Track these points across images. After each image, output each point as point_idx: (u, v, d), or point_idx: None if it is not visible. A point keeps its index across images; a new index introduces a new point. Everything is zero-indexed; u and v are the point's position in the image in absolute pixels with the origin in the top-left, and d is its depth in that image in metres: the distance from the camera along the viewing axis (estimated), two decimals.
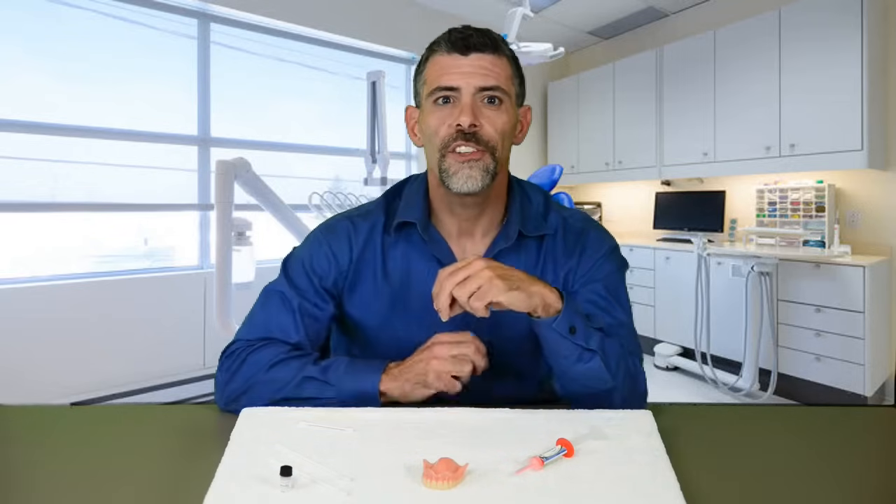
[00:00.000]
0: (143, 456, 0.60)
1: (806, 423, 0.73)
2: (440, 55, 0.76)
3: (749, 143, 3.23)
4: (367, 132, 3.13)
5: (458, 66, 0.74)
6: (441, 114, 0.75)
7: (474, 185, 0.73)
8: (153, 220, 3.08)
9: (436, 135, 0.75)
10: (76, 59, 2.78)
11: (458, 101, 0.74)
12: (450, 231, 0.82)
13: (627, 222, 4.44)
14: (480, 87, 0.73)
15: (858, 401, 2.59)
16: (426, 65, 0.78)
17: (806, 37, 2.94)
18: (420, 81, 0.80)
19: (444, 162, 0.75)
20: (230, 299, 2.30)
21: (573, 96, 4.58)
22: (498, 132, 0.74)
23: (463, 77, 0.73)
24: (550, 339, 0.69)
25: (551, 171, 2.48)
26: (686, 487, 0.51)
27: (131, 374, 2.72)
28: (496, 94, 0.74)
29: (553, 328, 0.68)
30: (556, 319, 0.68)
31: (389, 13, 3.79)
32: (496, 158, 0.75)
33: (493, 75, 0.74)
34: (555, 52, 2.72)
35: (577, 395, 0.73)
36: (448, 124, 0.74)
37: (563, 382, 0.73)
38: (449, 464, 0.51)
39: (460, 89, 0.73)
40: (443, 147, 0.74)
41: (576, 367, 0.70)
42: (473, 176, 0.73)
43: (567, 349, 0.69)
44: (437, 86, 0.75)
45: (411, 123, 0.84)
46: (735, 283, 3.03)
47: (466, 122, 0.72)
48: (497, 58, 0.75)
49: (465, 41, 0.74)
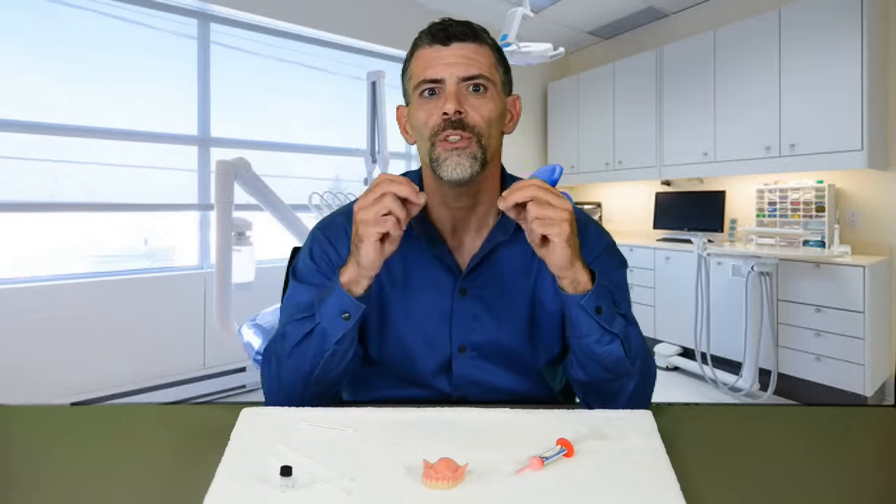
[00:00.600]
0: (143, 456, 0.60)
1: (806, 423, 0.73)
2: (422, 49, 0.77)
3: (749, 143, 3.23)
4: (367, 132, 3.14)
5: (441, 58, 0.75)
6: (428, 106, 0.75)
7: (463, 173, 0.73)
8: (153, 220, 3.08)
9: (425, 126, 0.75)
10: (76, 59, 2.78)
11: (442, 91, 0.75)
12: (445, 225, 0.82)
13: (627, 222, 4.44)
14: (464, 77, 0.74)
15: (858, 401, 2.59)
16: (411, 61, 0.79)
17: (806, 37, 2.94)
18: (406, 78, 0.80)
19: (434, 151, 0.75)
20: (230, 299, 2.31)
21: (573, 96, 4.58)
22: (484, 119, 0.74)
23: (446, 67, 0.74)
24: (575, 316, 0.70)
25: (551, 170, 2.49)
26: (686, 487, 0.51)
27: (131, 374, 2.72)
28: (480, 81, 0.75)
29: (581, 305, 0.69)
30: (584, 297, 0.69)
31: (389, 13, 3.79)
32: (483, 146, 0.75)
33: (475, 63, 0.74)
34: (555, 52, 2.72)
35: (592, 379, 0.73)
36: (435, 116, 0.74)
37: (582, 362, 0.73)
38: (449, 464, 0.51)
39: (444, 80, 0.74)
40: (432, 136, 0.75)
41: (596, 348, 0.70)
42: (462, 164, 0.73)
43: (590, 329, 0.70)
44: (421, 79, 0.75)
45: (402, 122, 0.84)
46: (735, 283, 3.03)
47: (452, 109, 0.72)
48: (479, 46, 0.76)
49: (446, 31, 0.75)
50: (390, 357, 0.82)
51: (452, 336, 0.81)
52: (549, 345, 0.83)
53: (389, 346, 0.82)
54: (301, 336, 0.72)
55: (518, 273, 0.82)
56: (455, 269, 0.81)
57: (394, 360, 0.82)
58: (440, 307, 0.81)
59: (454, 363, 0.81)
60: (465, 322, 0.81)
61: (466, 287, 0.81)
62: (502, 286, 0.82)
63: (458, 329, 0.81)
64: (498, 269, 0.82)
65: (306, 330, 0.72)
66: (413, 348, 0.81)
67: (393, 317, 0.81)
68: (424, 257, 0.81)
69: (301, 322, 0.73)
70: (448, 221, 0.82)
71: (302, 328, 0.72)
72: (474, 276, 0.81)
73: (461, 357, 0.81)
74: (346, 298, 0.70)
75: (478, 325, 0.81)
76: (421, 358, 0.81)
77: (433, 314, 0.81)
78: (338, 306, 0.69)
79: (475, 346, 0.81)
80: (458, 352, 0.81)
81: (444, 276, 0.81)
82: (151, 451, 0.61)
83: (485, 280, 0.81)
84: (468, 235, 0.83)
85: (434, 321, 0.81)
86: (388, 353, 0.82)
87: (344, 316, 0.70)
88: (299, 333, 0.72)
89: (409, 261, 0.82)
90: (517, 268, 0.82)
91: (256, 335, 2.13)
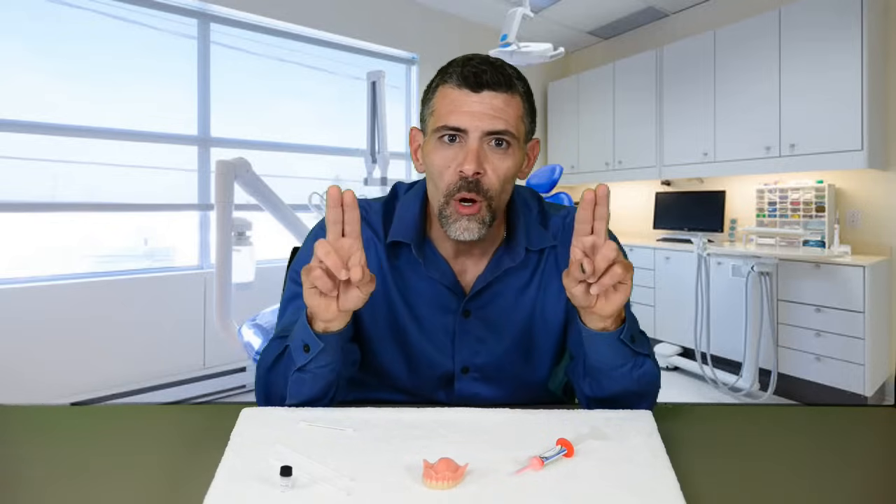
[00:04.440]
0: (143, 456, 0.60)
1: (806, 423, 0.73)
2: (450, 87, 0.73)
3: (749, 143, 3.23)
4: (367, 132, 3.14)
5: (468, 105, 0.71)
6: (446, 154, 0.73)
7: (471, 236, 0.73)
8: (153, 220, 3.08)
9: (440, 177, 0.74)
10: (76, 59, 2.78)
11: (464, 142, 0.72)
12: (448, 252, 0.81)
13: (627, 222, 4.43)
14: (488, 132, 0.71)
15: (858, 401, 2.59)
16: (435, 93, 0.75)
17: (806, 37, 2.94)
18: (428, 110, 0.77)
19: (447, 209, 0.74)
20: (230, 299, 2.31)
21: (573, 96, 4.58)
22: (500, 179, 0.73)
23: (472, 119, 0.71)
24: (610, 350, 0.68)
25: (551, 171, 2.48)
26: (686, 487, 0.51)
27: (131, 374, 2.72)
28: (504, 137, 0.72)
29: (620, 339, 0.67)
30: (621, 330, 0.67)
31: (389, 13, 3.79)
32: (493, 209, 0.74)
33: (502, 118, 0.71)
34: (555, 52, 2.72)
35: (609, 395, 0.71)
36: (452, 169, 0.72)
37: (602, 384, 0.72)
38: (449, 464, 0.51)
39: (468, 132, 0.71)
40: (447, 195, 0.73)
41: (631, 374, 0.69)
42: (471, 228, 0.73)
43: (625, 358, 0.69)
44: (443, 124, 0.72)
45: (415, 147, 0.82)
46: (735, 283, 3.03)
47: (470, 171, 0.70)
48: (510, 96, 0.72)
49: (478, 78, 0.71)
50: (392, 367, 0.82)
51: (455, 357, 0.81)
52: (547, 357, 0.83)
53: (392, 356, 0.81)
54: (276, 355, 0.72)
55: (518, 291, 0.82)
56: (458, 292, 0.80)
57: (395, 371, 0.82)
58: (444, 325, 0.80)
59: (456, 382, 0.81)
60: (468, 344, 0.80)
61: (470, 308, 0.80)
62: (504, 305, 0.81)
63: (462, 350, 0.81)
64: (500, 290, 0.81)
65: (280, 350, 0.72)
66: (416, 361, 0.81)
67: (399, 328, 0.81)
68: (424, 279, 0.80)
69: (279, 341, 0.73)
70: (451, 248, 0.81)
71: (278, 347, 0.72)
72: (478, 298, 0.80)
73: (463, 378, 0.81)
74: (306, 331, 0.66)
75: (481, 347, 0.81)
76: (423, 371, 0.81)
77: (437, 331, 0.81)
78: (300, 336, 0.68)
79: (478, 367, 0.81)
80: (461, 373, 0.81)
81: (447, 296, 0.80)
82: (151, 451, 0.61)
83: (487, 301, 0.81)
84: (471, 259, 0.82)
85: (438, 337, 0.81)
86: (391, 362, 0.82)
87: (304, 348, 0.67)
88: (275, 352, 0.73)
89: (414, 278, 0.81)
90: (517, 286, 0.82)
91: (256, 335, 2.13)
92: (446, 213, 0.74)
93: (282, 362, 0.71)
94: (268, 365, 0.73)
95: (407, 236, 0.79)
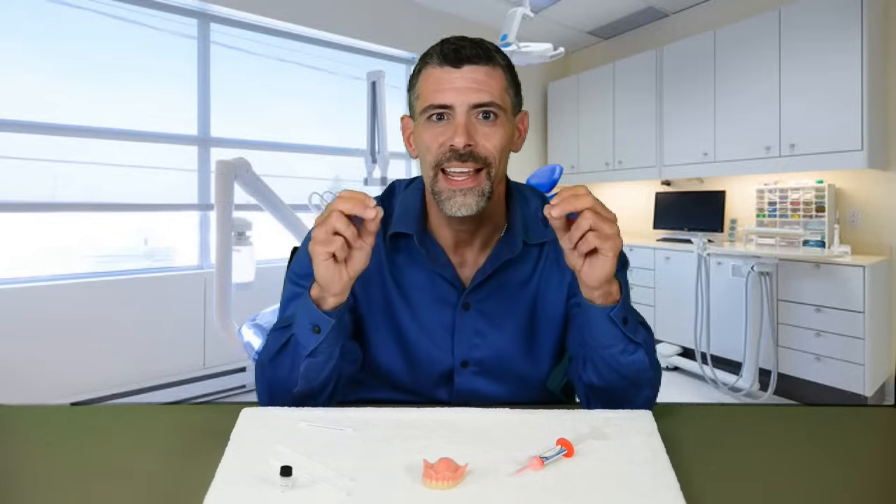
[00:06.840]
0: (143, 456, 0.60)
1: (806, 423, 0.73)
2: (432, 67, 0.74)
3: (749, 143, 3.23)
4: (367, 132, 3.14)
5: (451, 81, 0.72)
6: (434, 131, 0.73)
7: (468, 211, 0.73)
8: (153, 220, 3.08)
9: (429, 152, 0.74)
10: (76, 59, 2.78)
11: (451, 118, 0.72)
12: (447, 242, 0.81)
13: (627, 222, 4.43)
14: (474, 104, 0.71)
15: (858, 401, 2.59)
16: (419, 77, 0.76)
17: (806, 37, 2.94)
18: (413, 95, 0.78)
19: (437, 184, 0.74)
20: (230, 299, 2.30)
21: (573, 96, 4.58)
22: (495, 149, 0.73)
23: (456, 94, 0.71)
24: (600, 327, 0.69)
25: (551, 171, 2.49)
26: (686, 487, 0.51)
27: (131, 374, 2.72)
28: (491, 109, 0.72)
29: (610, 317, 0.67)
30: (614, 308, 0.67)
31: (389, 13, 3.79)
32: (492, 178, 0.73)
33: (487, 90, 0.72)
34: (555, 52, 2.72)
35: (608, 385, 0.72)
36: (441, 143, 0.72)
37: (599, 370, 0.72)
38: (449, 464, 0.51)
39: (454, 107, 0.72)
40: (436, 165, 0.73)
41: (621, 358, 0.70)
42: (468, 203, 0.72)
43: (615, 339, 0.69)
44: (429, 103, 0.73)
45: (406, 134, 0.83)
46: (735, 283, 3.03)
47: (461, 143, 0.70)
48: (492, 69, 0.73)
49: (458, 53, 0.72)
50: (392, 365, 0.81)
51: (455, 351, 0.80)
52: (548, 353, 0.83)
53: (392, 354, 0.81)
54: (279, 346, 0.71)
55: (518, 284, 0.82)
56: (458, 285, 0.80)
57: (395, 369, 0.81)
58: (443, 319, 0.80)
59: (456, 377, 0.81)
60: (467, 337, 0.80)
61: (469, 301, 0.80)
62: (504, 299, 0.81)
63: (461, 344, 0.80)
64: (500, 283, 0.81)
65: (283, 340, 0.71)
66: (415, 358, 0.81)
67: (397, 326, 0.81)
68: (427, 271, 0.80)
69: (280, 331, 0.72)
70: (450, 238, 0.81)
71: (280, 338, 0.72)
72: (477, 291, 0.80)
73: (463, 372, 0.81)
74: (314, 312, 0.67)
75: (481, 340, 0.80)
76: (423, 368, 0.81)
77: (436, 326, 0.80)
78: (308, 319, 0.68)
79: (478, 361, 0.81)
80: (461, 367, 0.81)
81: (447, 289, 0.80)
82: (151, 451, 0.61)
83: (487, 294, 0.81)
84: (471, 251, 0.81)
85: (437, 333, 0.80)
86: (390, 361, 0.81)
87: (314, 329, 0.68)
88: (278, 343, 0.72)
89: (413, 272, 0.81)
90: (518, 279, 0.82)
91: (256, 335, 2.13)
92: (437, 189, 0.74)
93: (286, 352, 0.71)
94: (271, 354, 0.72)
95: (409, 227, 0.79)
